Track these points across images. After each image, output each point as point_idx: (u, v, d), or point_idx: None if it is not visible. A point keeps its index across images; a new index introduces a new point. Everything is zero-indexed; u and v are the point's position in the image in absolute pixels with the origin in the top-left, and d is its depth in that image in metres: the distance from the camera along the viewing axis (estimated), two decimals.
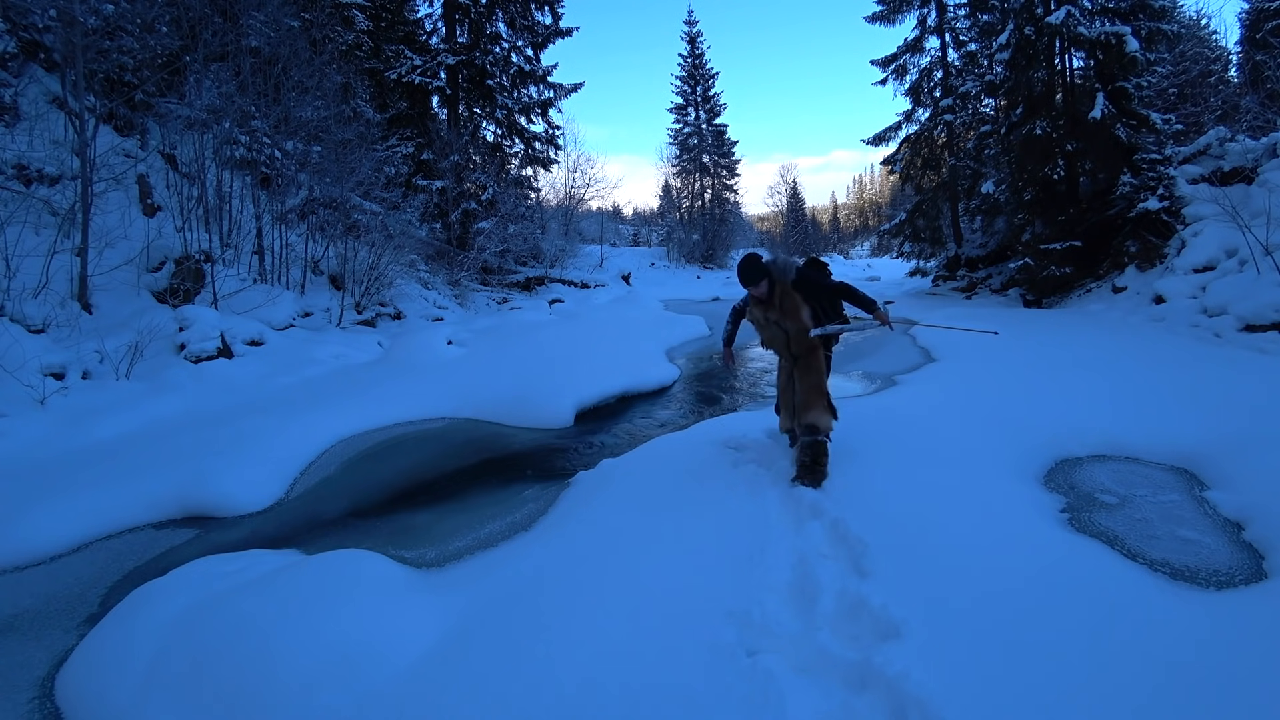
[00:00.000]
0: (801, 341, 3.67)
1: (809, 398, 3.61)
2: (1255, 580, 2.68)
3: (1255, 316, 6.88)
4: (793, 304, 3.59)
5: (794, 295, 3.60)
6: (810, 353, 3.69)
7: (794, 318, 3.62)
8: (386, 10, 16.21)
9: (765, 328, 3.79)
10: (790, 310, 3.61)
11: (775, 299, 3.62)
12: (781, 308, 3.61)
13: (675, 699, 1.99)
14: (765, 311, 3.69)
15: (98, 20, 7.95)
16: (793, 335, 3.66)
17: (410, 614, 2.50)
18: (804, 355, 3.70)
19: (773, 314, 3.66)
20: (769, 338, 3.84)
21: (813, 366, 3.66)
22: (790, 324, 3.63)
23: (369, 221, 11.62)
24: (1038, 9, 11.43)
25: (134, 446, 4.84)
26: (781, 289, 3.61)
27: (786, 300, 3.60)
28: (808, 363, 3.67)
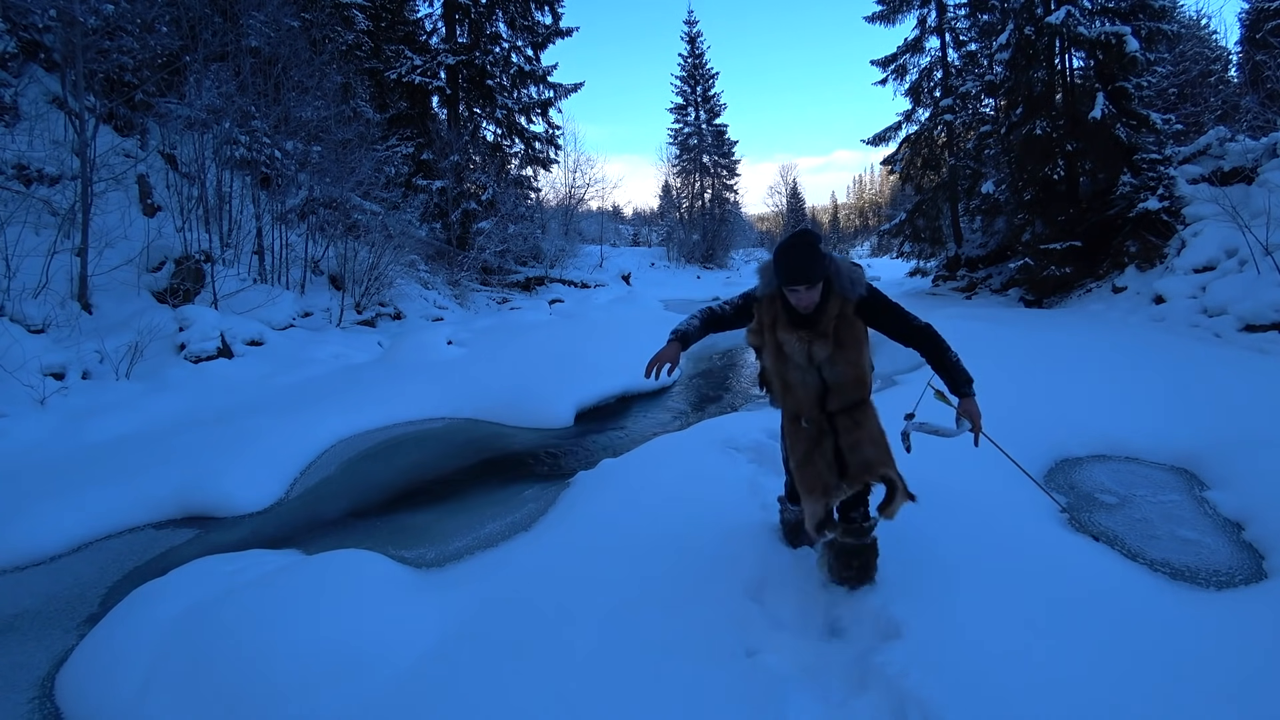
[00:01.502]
0: (847, 393, 2.35)
1: (873, 450, 2.33)
2: (1255, 580, 2.68)
3: (1255, 316, 6.88)
4: (853, 335, 2.32)
5: (857, 323, 2.32)
6: (859, 406, 2.40)
7: (848, 357, 2.31)
8: (386, 10, 16.21)
9: (789, 360, 2.35)
10: (848, 343, 2.31)
11: (827, 320, 2.28)
12: (836, 337, 2.30)
13: (676, 699, 1.99)
14: (800, 335, 2.30)
15: (98, 20, 7.94)
16: (835, 384, 2.33)
17: (410, 614, 2.50)
18: (846, 412, 2.38)
19: (816, 343, 2.29)
20: (790, 379, 2.38)
21: (865, 418, 2.39)
22: (841, 366, 2.31)
23: (369, 221, 11.63)
24: (1038, 9, 11.43)
25: (134, 446, 4.84)
26: (841, 308, 2.29)
27: (845, 328, 2.30)
28: (855, 417, 2.38)
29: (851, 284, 2.26)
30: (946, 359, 2.29)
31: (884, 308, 2.32)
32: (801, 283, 2.16)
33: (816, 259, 2.15)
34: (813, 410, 2.37)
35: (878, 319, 2.33)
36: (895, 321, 2.33)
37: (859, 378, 2.33)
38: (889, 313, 2.32)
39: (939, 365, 2.30)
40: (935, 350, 2.30)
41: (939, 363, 2.30)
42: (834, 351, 2.28)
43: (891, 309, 2.32)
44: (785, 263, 2.17)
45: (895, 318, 2.32)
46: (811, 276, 2.16)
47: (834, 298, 2.26)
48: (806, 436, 2.40)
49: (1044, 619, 2.24)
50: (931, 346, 2.30)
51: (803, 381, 2.34)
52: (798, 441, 2.42)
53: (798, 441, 2.42)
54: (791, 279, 2.17)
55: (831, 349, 2.27)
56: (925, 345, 2.31)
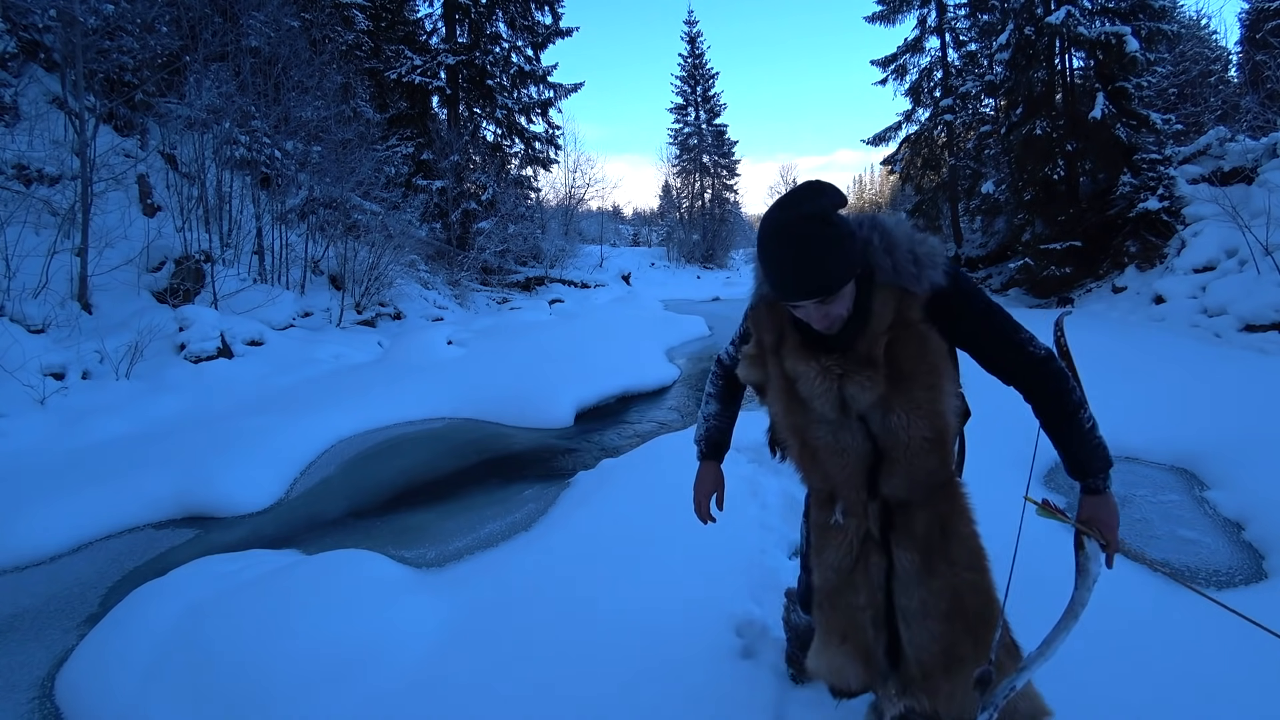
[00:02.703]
0: (916, 467, 1.30)
1: (959, 623, 1.32)
2: (1255, 580, 2.68)
3: (1255, 316, 6.88)
4: (924, 360, 1.26)
5: (930, 336, 1.25)
6: (941, 492, 1.36)
7: (917, 399, 1.26)
8: (386, 10, 16.21)
9: (808, 409, 1.33)
10: (914, 375, 1.25)
11: (874, 336, 1.25)
12: (893, 365, 1.25)
13: (675, 700, 1.99)
14: (825, 364, 1.28)
15: (98, 20, 7.95)
16: (894, 448, 1.29)
17: (410, 614, 2.50)
18: (923, 503, 1.35)
19: (854, 379, 1.26)
20: (814, 440, 1.36)
21: (951, 530, 1.35)
22: (903, 415, 1.26)
23: (369, 221, 11.63)
24: (1038, 9, 11.43)
25: (134, 446, 4.84)
26: (899, 310, 1.24)
27: (909, 347, 1.25)
28: (930, 521, 1.35)
29: (916, 266, 1.21)
30: (1075, 422, 1.26)
31: (978, 310, 1.26)
32: (804, 295, 1.14)
33: (831, 246, 1.11)
34: (855, 494, 1.34)
35: (965, 330, 1.26)
36: (996, 338, 1.27)
37: (938, 436, 1.26)
38: (986, 321, 1.26)
39: (1059, 429, 1.28)
40: (1058, 403, 1.26)
41: (1060, 426, 1.28)
42: (888, 392, 1.23)
43: (991, 315, 1.26)
44: (773, 259, 1.15)
45: (996, 331, 1.26)
46: (821, 282, 1.12)
47: (882, 293, 1.22)
48: (841, 543, 1.40)
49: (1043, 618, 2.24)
50: (1053, 396, 1.26)
51: (835, 444, 1.31)
52: (826, 545, 1.42)
53: (826, 545, 1.42)
54: (786, 290, 1.15)
55: (884, 387, 1.23)
56: (1043, 391, 1.27)
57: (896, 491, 1.34)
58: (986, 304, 1.28)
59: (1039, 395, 1.29)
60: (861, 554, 1.39)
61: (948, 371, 1.28)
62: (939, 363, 1.26)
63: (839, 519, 1.41)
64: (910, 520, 1.35)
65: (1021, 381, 1.30)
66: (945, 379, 1.27)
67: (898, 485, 1.33)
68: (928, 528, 1.34)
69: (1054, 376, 1.27)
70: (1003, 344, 1.28)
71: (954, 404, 1.29)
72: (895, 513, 1.37)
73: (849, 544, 1.41)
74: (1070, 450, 1.29)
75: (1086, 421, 1.27)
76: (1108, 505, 1.32)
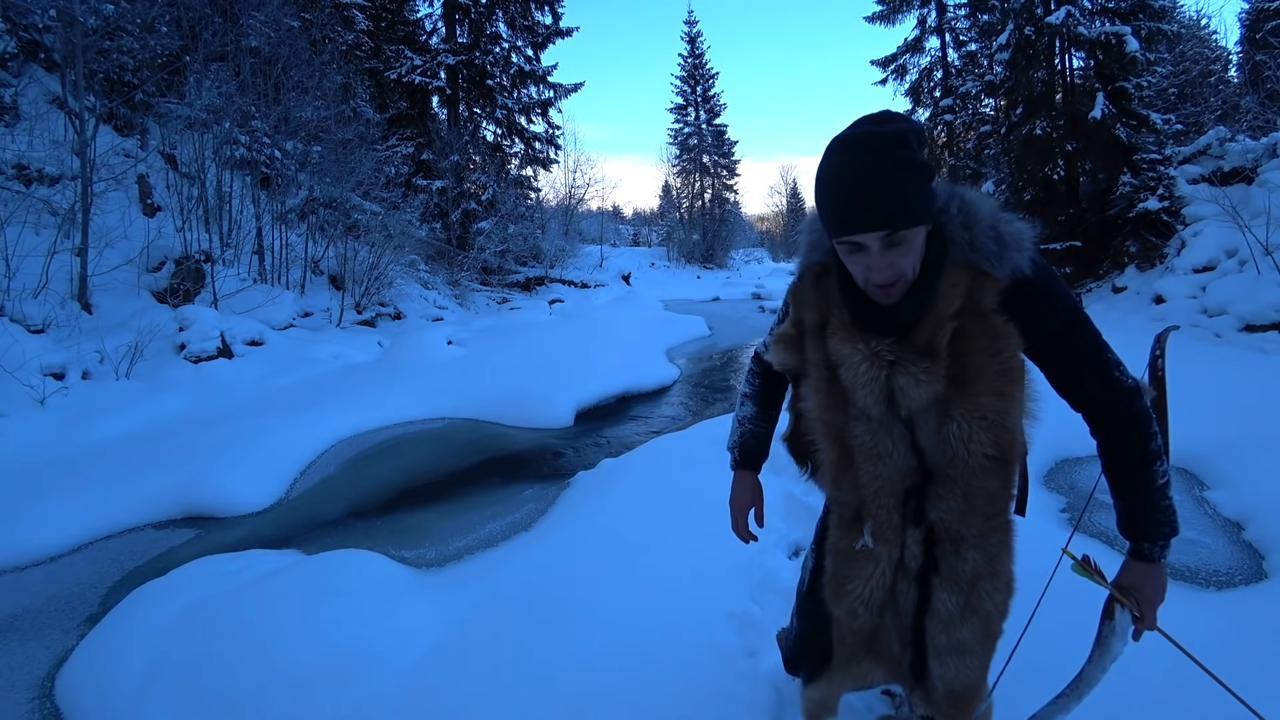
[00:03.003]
0: (973, 490, 1.06)
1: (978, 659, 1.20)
2: (1255, 580, 2.68)
3: (1255, 316, 6.88)
4: (994, 359, 1.01)
5: (1006, 332, 1.01)
6: (995, 525, 1.12)
7: (980, 406, 1.02)
8: (386, 10, 16.22)
9: (849, 401, 1.09)
10: (979, 376, 1.01)
11: (937, 320, 1.01)
12: (956, 359, 1.01)
13: (675, 700, 1.98)
14: (874, 348, 1.05)
15: (98, 20, 7.95)
16: (944, 465, 1.07)
17: (410, 614, 2.50)
18: (978, 538, 1.12)
19: (906, 368, 1.02)
20: (853, 441, 1.12)
21: (1000, 580, 1.16)
22: (963, 423, 1.02)
23: (369, 221, 11.63)
24: (1038, 9, 11.43)
25: (134, 446, 4.84)
26: (970, 294, 1.01)
27: (977, 341, 1.01)
28: (978, 559, 1.13)
29: (998, 245, 1.01)
30: (1146, 476, 1.05)
31: (1065, 314, 1.04)
32: (870, 222, 0.93)
33: (907, 169, 0.92)
34: (886, 514, 1.12)
35: (1045, 334, 1.03)
36: (1079, 354, 1.04)
37: (1003, 456, 1.04)
38: (1073, 329, 1.04)
39: (1125, 479, 1.07)
40: (1133, 450, 1.05)
41: (1127, 476, 1.07)
42: (948, 393, 1.02)
43: (1079, 324, 1.04)
44: (835, 177, 0.95)
45: (1081, 345, 1.04)
46: (892, 207, 0.92)
47: (953, 272, 1.01)
48: (873, 575, 1.17)
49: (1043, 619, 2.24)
50: (1130, 439, 1.05)
51: (873, 448, 1.10)
52: (851, 574, 1.19)
53: (851, 574, 1.19)
54: (848, 215, 0.94)
55: (943, 385, 1.01)
56: (1120, 431, 1.06)
57: (948, 519, 1.10)
58: (1075, 309, 1.05)
59: (1113, 435, 1.07)
60: (891, 591, 1.19)
61: (1023, 378, 1.04)
62: (1015, 365, 1.02)
63: (867, 541, 1.16)
64: (959, 560, 1.13)
65: (1096, 413, 1.08)
66: (1019, 386, 1.03)
67: (950, 512, 1.09)
68: (977, 568, 1.13)
69: (1137, 417, 1.05)
70: (1086, 362, 1.05)
71: (1019, 423, 1.06)
72: (942, 546, 1.13)
73: (881, 575, 1.17)
74: (1131, 505, 1.08)
75: (1160, 477, 1.06)
76: (1156, 578, 1.11)
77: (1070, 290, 1.08)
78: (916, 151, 0.95)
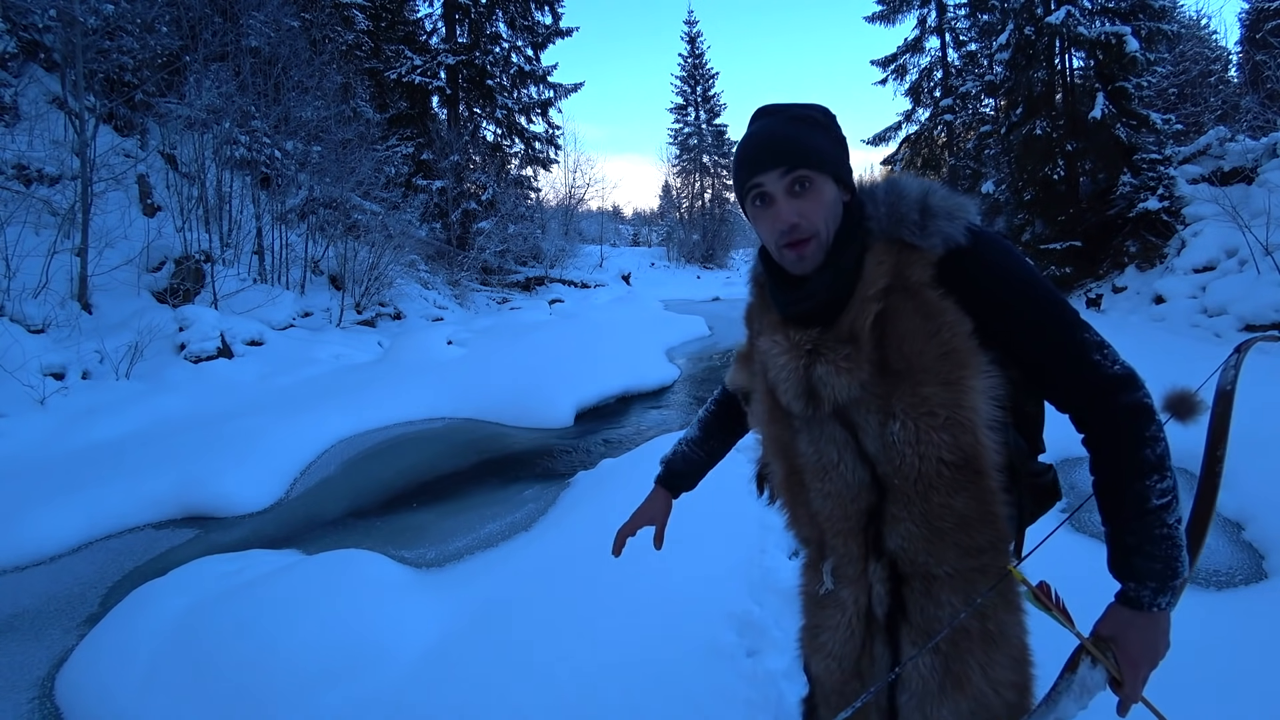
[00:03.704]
0: (935, 510, 0.87)
1: None
2: (1255, 580, 2.68)
3: (1255, 316, 6.88)
4: (933, 340, 0.85)
5: (945, 309, 0.85)
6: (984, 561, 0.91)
7: (927, 399, 0.84)
8: (386, 10, 16.22)
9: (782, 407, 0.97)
10: (921, 362, 0.85)
11: (862, 302, 0.88)
12: (881, 341, 0.87)
13: (675, 700, 1.98)
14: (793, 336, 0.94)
15: (98, 20, 7.95)
16: (898, 476, 0.88)
17: (410, 614, 2.50)
18: (955, 575, 0.91)
19: (826, 356, 0.90)
20: (797, 459, 0.98)
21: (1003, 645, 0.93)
22: (907, 418, 0.85)
23: (369, 221, 11.63)
24: (1038, 9, 11.43)
25: (134, 446, 4.84)
26: (897, 268, 0.87)
27: (911, 321, 0.86)
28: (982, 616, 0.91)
29: (922, 215, 0.88)
30: (1136, 490, 0.83)
31: (1013, 281, 0.86)
32: (768, 162, 0.89)
33: (811, 125, 0.91)
34: (845, 544, 0.96)
35: (990, 309, 0.86)
36: (1041, 332, 0.86)
37: (966, 461, 0.86)
38: (1026, 300, 0.86)
39: (1111, 495, 0.86)
40: (1121, 455, 0.84)
41: (1114, 490, 0.86)
42: (881, 385, 0.87)
43: (1036, 293, 0.86)
44: (742, 144, 0.94)
45: (1042, 321, 0.86)
46: (790, 146, 0.88)
47: (876, 250, 0.89)
48: (840, 623, 0.99)
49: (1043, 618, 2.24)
50: (1118, 442, 0.84)
51: (819, 462, 0.94)
52: (822, 625, 1.02)
53: (822, 625, 1.02)
54: (747, 160, 0.91)
55: (868, 374, 0.88)
56: (1105, 432, 0.85)
57: (910, 548, 0.89)
58: (1030, 277, 0.86)
59: (1095, 436, 0.85)
60: (866, 640, 0.96)
61: (977, 363, 0.84)
62: (961, 347, 0.84)
63: (828, 584, 0.98)
64: (932, 605, 0.90)
65: (1075, 408, 0.86)
66: (973, 372, 0.83)
67: (911, 538, 0.89)
68: (958, 622, 0.88)
69: (1126, 412, 0.82)
70: (1049, 341, 0.84)
71: (990, 411, 0.84)
72: (910, 585, 0.92)
73: (849, 625, 0.96)
74: (1118, 531, 0.84)
75: (1156, 495, 0.81)
76: (1146, 632, 0.83)
77: (1026, 261, 0.89)
78: (823, 121, 0.93)
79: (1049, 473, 1.02)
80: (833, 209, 0.91)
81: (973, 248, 0.86)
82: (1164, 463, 0.84)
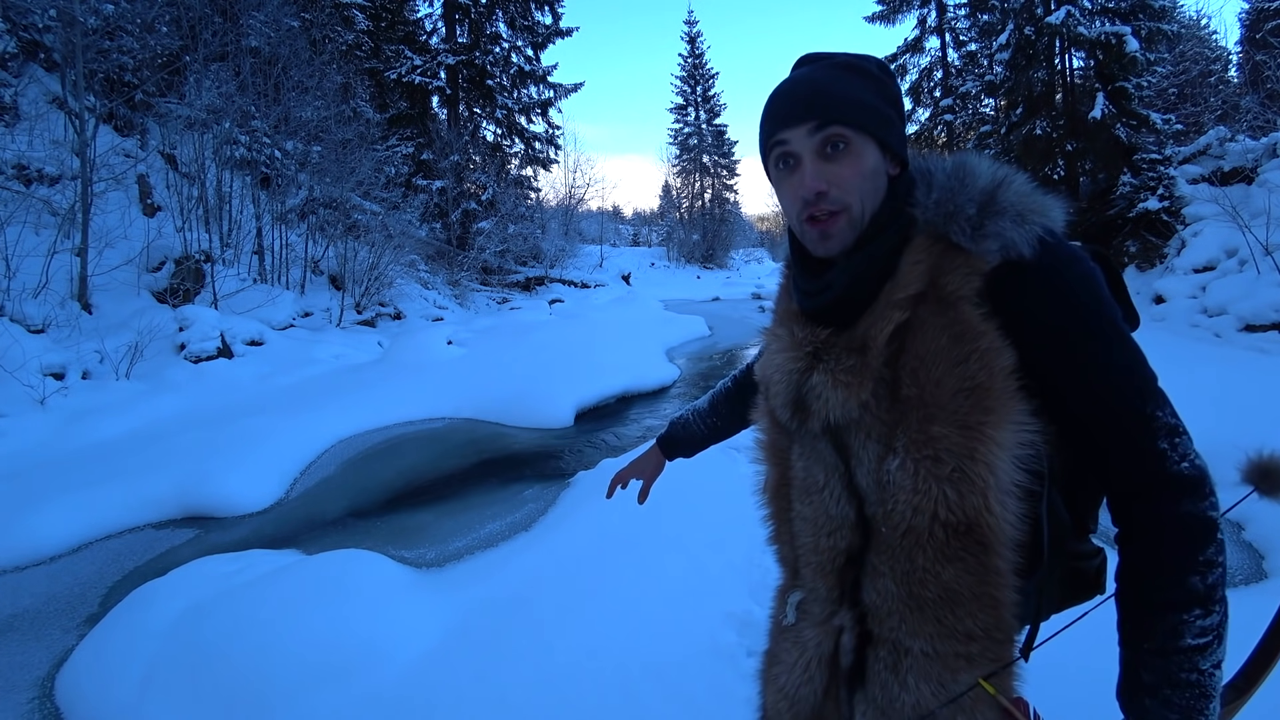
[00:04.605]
0: (918, 569, 0.71)
1: None
2: (1255, 580, 2.68)
3: (1255, 316, 6.88)
4: (960, 361, 0.68)
5: (984, 334, 0.68)
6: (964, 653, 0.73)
7: (936, 435, 0.68)
8: (386, 10, 16.22)
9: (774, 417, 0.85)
10: (939, 391, 0.68)
11: (884, 308, 0.72)
12: (910, 358, 0.71)
13: (675, 700, 1.98)
14: (798, 332, 0.80)
15: (98, 20, 7.95)
16: (886, 516, 0.72)
17: (410, 614, 2.50)
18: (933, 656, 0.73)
19: (825, 362, 0.76)
20: (794, 465, 0.84)
21: None
22: (908, 457, 0.70)
23: (369, 221, 11.63)
24: (1038, 9, 11.43)
25: (134, 446, 4.84)
26: (941, 268, 0.70)
27: (939, 333, 0.69)
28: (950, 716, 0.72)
29: (980, 211, 0.70)
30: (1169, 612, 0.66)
31: (1073, 325, 0.68)
32: (795, 117, 0.74)
33: (851, 76, 0.75)
34: (819, 581, 0.82)
35: (1041, 351, 0.68)
36: (1091, 393, 0.68)
37: (970, 527, 0.68)
38: (1086, 352, 0.68)
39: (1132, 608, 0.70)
40: (1153, 562, 0.67)
41: (1138, 602, 0.69)
42: (885, 407, 0.73)
43: (1099, 346, 0.67)
44: (775, 89, 0.78)
45: (1096, 378, 0.68)
46: (820, 100, 0.73)
47: (920, 244, 0.72)
48: (797, 661, 0.85)
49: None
50: (1153, 547, 0.67)
51: (806, 480, 0.82)
52: (779, 656, 0.92)
53: (779, 656, 0.92)
54: (774, 114, 0.77)
55: (871, 394, 0.73)
56: (1138, 532, 0.69)
57: (882, 608, 0.75)
58: (1103, 324, 0.67)
59: (1137, 546, 0.69)
60: (831, 687, 0.81)
61: (1007, 410, 0.67)
62: (991, 386, 0.67)
63: (789, 617, 0.87)
64: (896, 682, 0.75)
65: (1120, 502, 0.70)
66: (998, 420, 0.67)
67: (887, 597, 0.75)
68: (924, 712, 0.73)
69: (1182, 527, 0.65)
70: (1107, 410, 0.67)
71: (1011, 473, 0.67)
72: (876, 649, 0.77)
73: (806, 667, 0.83)
74: (1134, 661, 0.69)
75: (1193, 634, 0.64)
76: None
77: (1107, 296, 0.69)
78: (876, 74, 0.77)
79: (1096, 557, 0.82)
80: (872, 181, 0.74)
81: (1038, 263, 0.68)
82: (1213, 595, 0.65)
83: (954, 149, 12.87)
